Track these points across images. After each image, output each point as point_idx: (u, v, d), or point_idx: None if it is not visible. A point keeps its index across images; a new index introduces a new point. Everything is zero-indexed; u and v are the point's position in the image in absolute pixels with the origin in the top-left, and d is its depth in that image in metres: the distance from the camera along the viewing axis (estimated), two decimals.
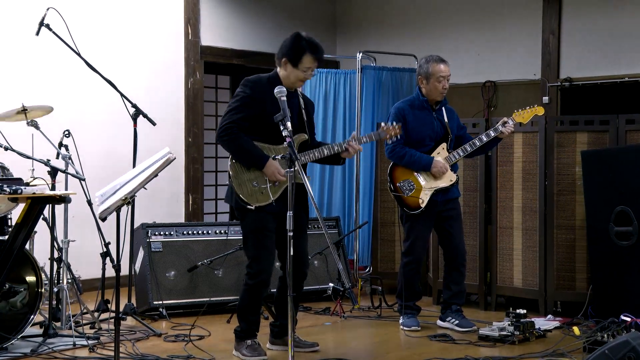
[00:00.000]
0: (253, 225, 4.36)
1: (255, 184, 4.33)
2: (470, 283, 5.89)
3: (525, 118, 5.27)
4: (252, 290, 4.43)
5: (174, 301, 5.65)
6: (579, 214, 5.58)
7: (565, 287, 5.63)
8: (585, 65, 7.06)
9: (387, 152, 5.20)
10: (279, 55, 4.43)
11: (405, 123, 5.15)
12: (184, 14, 7.34)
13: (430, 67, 5.15)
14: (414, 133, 5.18)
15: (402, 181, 5.19)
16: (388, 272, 6.57)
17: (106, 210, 3.92)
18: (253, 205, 4.32)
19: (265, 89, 4.34)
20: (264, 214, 4.34)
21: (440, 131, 5.23)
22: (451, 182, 5.20)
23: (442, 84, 5.16)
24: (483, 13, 7.72)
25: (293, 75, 4.39)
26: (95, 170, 6.01)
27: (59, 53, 5.61)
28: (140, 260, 5.72)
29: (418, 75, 5.23)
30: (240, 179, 4.33)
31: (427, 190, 5.15)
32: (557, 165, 5.66)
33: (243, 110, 4.33)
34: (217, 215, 8.63)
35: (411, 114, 5.20)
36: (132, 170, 4.26)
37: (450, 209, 5.27)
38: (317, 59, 4.39)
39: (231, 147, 4.37)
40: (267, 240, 4.37)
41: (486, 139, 5.19)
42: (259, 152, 4.32)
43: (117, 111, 5.64)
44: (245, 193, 4.32)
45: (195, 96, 7.46)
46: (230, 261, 5.79)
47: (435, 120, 5.23)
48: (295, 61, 4.36)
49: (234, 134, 4.30)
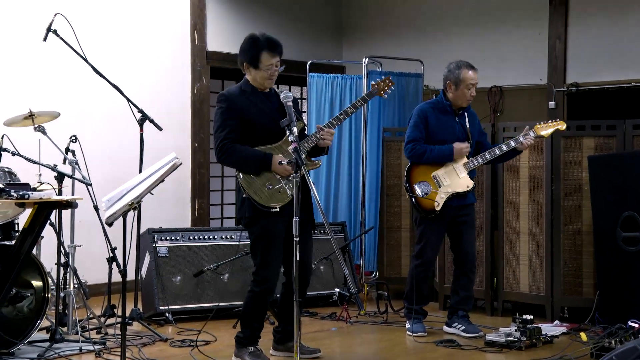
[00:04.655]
0: (263, 231, 4.34)
1: (269, 186, 4.32)
2: (477, 288, 5.84)
3: (547, 132, 5.23)
4: (258, 297, 4.42)
5: (180, 306, 5.65)
6: (586, 219, 5.56)
7: (573, 293, 5.62)
8: (592, 70, 7.04)
9: (407, 152, 5.19)
10: (240, 61, 4.42)
11: (426, 125, 5.15)
12: (190, 19, 7.36)
13: (462, 73, 5.13)
14: (435, 135, 5.17)
15: (419, 182, 5.17)
16: (394, 277, 6.56)
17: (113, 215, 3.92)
18: (277, 206, 4.29)
19: (240, 96, 4.37)
20: (275, 219, 4.32)
21: (462, 136, 5.21)
22: (468, 188, 5.18)
23: (470, 91, 5.15)
24: (489, 18, 7.71)
25: (259, 76, 4.38)
26: (101, 176, 6.03)
27: (66, 58, 5.61)
28: (146, 265, 5.72)
29: (447, 80, 5.19)
30: (254, 188, 4.31)
31: (442, 194, 5.14)
32: (564, 171, 5.65)
33: (228, 124, 4.32)
34: (224, 220, 8.60)
35: (433, 116, 5.20)
36: (138, 176, 4.27)
37: (464, 215, 5.25)
38: (275, 54, 4.34)
39: (232, 160, 4.36)
40: (275, 247, 4.35)
41: (506, 148, 5.15)
42: (260, 154, 4.31)
43: (124, 116, 5.64)
44: (265, 198, 4.30)
45: (202, 101, 7.47)
46: (236, 266, 5.78)
47: (457, 125, 5.23)
48: (254, 62, 4.34)
49: (229, 148, 4.29)
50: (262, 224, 4.33)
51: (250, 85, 4.41)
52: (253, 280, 4.42)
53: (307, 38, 8.40)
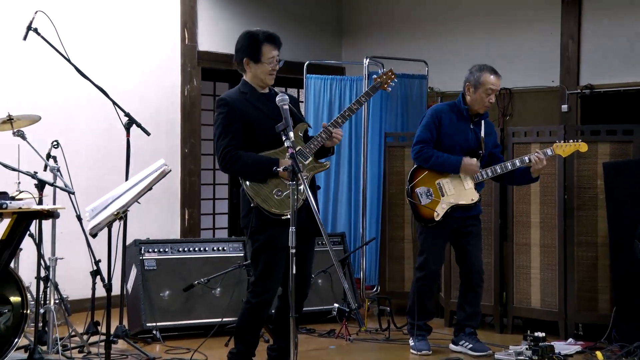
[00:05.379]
0: (269, 240, 4.34)
1: (279, 192, 4.34)
2: (485, 304, 5.85)
3: (567, 152, 5.19)
4: (255, 310, 4.40)
5: (169, 323, 5.66)
6: (601, 230, 5.57)
7: (587, 309, 5.62)
8: (607, 71, 7.04)
9: (413, 153, 5.21)
10: (238, 59, 4.45)
11: (439, 126, 5.18)
12: (181, 17, 7.38)
13: (483, 76, 5.16)
14: (446, 138, 5.19)
15: (422, 188, 5.20)
16: (397, 291, 6.56)
17: (97, 225, 3.94)
18: (288, 213, 4.24)
19: (240, 99, 4.40)
20: (282, 229, 4.32)
21: (473, 144, 5.23)
22: (472, 201, 5.21)
23: (489, 97, 5.17)
24: (497, 16, 7.72)
25: (260, 71, 4.41)
26: (85, 184, 6.02)
27: (48, 59, 5.64)
28: (132, 279, 5.73)
29: (466, 82, 5.22)
30: (262, 195, 4.33)
31: (444, 204, 5.15)
32: (578, 178, 5.67)
33: (230, 131, 4.35)
34: (215, 231, 8.59)
35: (448, 117, 5.22)
36: (124, 184, 4.28)
37: (469, 225, 5.27)
38: (275, 47, 4.41)
39: (237, 168, 4.37)
40: (279, 258, 4.35)
41: (519, 163, 5.14)
42: (267, 159, 4.33)
43: (109, 120, 5.66)
44: (275, 205, 4.32)
45: (193, 104, 7.49)
46: (228, 280, 5.79)
47: (471, 132, 5.24)
48: (256, 56, 4.38)
49: (233, 156, 4.32)
50: (269, 233, 4.33)
51: (250, 85, 4.44)
52: (251, 292, 4.41)
53: (304, 37, 8.43)
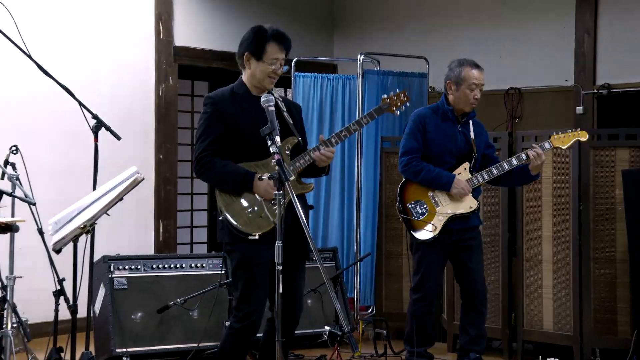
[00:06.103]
0: (244, 258, 4.32)
1: (253, 209, 4.28)
2: (492, 326, 5.86)
3: (565, 142, 5.22)
4: (238, 335, 4.38)
5: (141, 348, 5.63)
6: (620, 244, 5.57)
7: (605, 332, 5.63)
8: (626, 70, 7.10)
9: (401, 165, 5.20)
10: (240, 52, 4.44)
11: (424, 132, 5.17)
12: (155, 9, 7.40)
13: (463, 71, 5.17)
14: (434, 145, 5.17)
15: (414, 202, 5.17)
16: (394, 312, 6.57)
17: (61, 240, 3.92)
18: (256, 234, 4.27)
19: (231, 101, 4.36)
20: (258, 245, 4.30)
21: (464, 148, 5.22)
22: (471, 209, 5.18)
23: (473, 92, 5.17)
24: (505, 9, 7.81)
25: (259, 71, 4.37)
26: (48, 194, 6.02)
27: (5, 54, 5.59)
28: (100, 300, 5.70)
29: (447, 80, 5.24)
30: (233, 209, 4.31)
31: (441, 216, 5.13)
32: (594, 187, 5.67)
33: (212, 132, 4.32)
34: (193, 246, 8.60)
35: (432, 122, 5.22)
36: (92, 193, 4.27)
37: (469, 239, 5.24)
38: (283, 49, 4.40)
39: (209, 177, 4.37)
40: (259, 277, 4.32)
41: (516, 162, 5.15)
42: (241, 171, 4.32)
43: (75, 123, 5.59)
44: (244, 222, 4.29)
45: (168, 105, 7.48)
46: (207, 300, 5.74)
47: (460, 135, 5.23)
48: (259, 53, 4.36)
49: (207, 162, 4.30)
50: (243, 249, 4.31)
51: (244, 86, 4.41)
52: (234, 316, 4.40)
53: (292, 31, 8.13)
